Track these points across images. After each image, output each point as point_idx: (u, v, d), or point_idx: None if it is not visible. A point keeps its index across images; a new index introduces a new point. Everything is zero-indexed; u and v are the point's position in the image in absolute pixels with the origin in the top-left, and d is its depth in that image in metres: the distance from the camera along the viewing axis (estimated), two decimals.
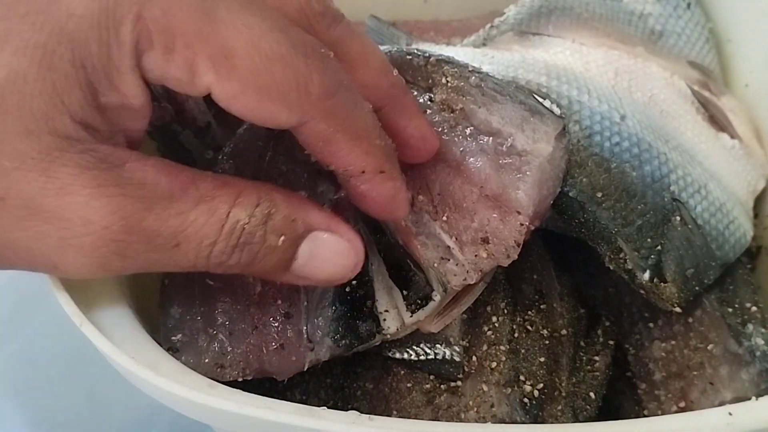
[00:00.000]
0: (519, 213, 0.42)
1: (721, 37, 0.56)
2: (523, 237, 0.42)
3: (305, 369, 0.42)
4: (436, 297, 0.42)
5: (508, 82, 0.46)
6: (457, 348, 0.44)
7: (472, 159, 0.44)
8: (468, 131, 0.45)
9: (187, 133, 0.49)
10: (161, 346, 0.40)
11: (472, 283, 0.42)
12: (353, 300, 0.42)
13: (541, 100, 0.45)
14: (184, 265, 0.33)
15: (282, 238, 0.34)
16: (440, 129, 0.45)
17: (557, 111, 0.45)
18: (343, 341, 0.42)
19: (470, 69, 0.45)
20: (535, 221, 0.44)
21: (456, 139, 0.45)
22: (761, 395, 0.38)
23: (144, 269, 0.33)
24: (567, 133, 0.44)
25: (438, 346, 0.44)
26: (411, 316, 0.42)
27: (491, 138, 0.45)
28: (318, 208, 0.36)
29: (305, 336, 0.42)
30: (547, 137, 0.44)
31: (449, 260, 0.42)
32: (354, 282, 0.43)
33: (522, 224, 0.42)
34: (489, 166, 0.44)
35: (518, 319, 0.47)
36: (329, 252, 0.35)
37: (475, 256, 0.42)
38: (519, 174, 0.43)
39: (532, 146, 0.44)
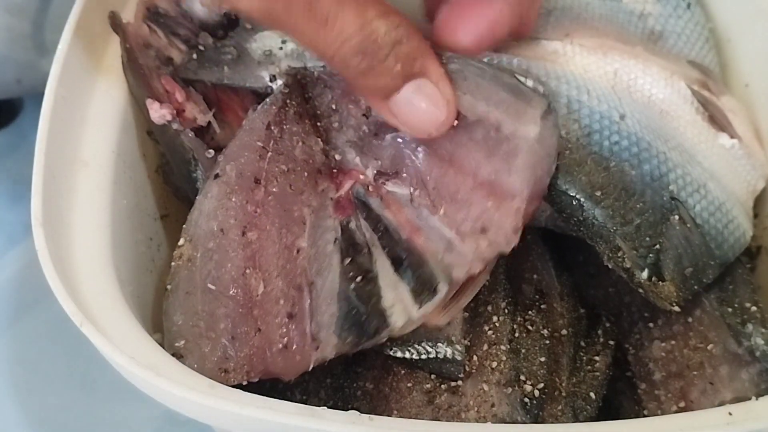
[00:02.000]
0: (514, 197, 0.42)
1: (721, 37, 0.56)
2: (521, 221, 0.42)
3: (311, 368, 0.42)
4: (442, 289, 0.42)
5: (489, 63, 0.46)
6: (458, 347, 0.44)
7: (463, 149, 0.44)
8: (455, 122, 0.45)
9: (188, 133, 0.49)
10: (167, 351, 0.40)
11: (476, 272, 0.42)
12: (359, 296, 0.42)
13: (523, 80, 0.45)
14: (318, 47, 0.36)
15: (399, 66, 0.37)
16: None
17: (541, 89, 0.45)
18: (350, 338, 0.42)
19: (450, 55, 0.44)
20: (534, 202, 0.43)
21: None
22: (761, 395, 0.38)
23: (289, 32, 0.37)
24: (553, 110, 0.44)
25: (439, 345, 0.44)
26: (418, 309, 0.42)
27: (478, 125, 0.45)
28: (437, 61, 0.39)
29: (309, 335, 0.42)
30: (533, 118, 0.44)
31: (452, 252, 0.42)
32: (359, 278, 0.43)
33: (518, 208, 0.42)
34: (479, 154, 0.43)
35: (519, 318, 0.47)
36: (427, 102, 0.39)
37: (476, 246, 0.42)
38: (509, 158, 0.43)
39: (519, 128, 0.44)
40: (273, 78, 0.49)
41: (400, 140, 0.46)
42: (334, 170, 0.47)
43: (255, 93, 0.54)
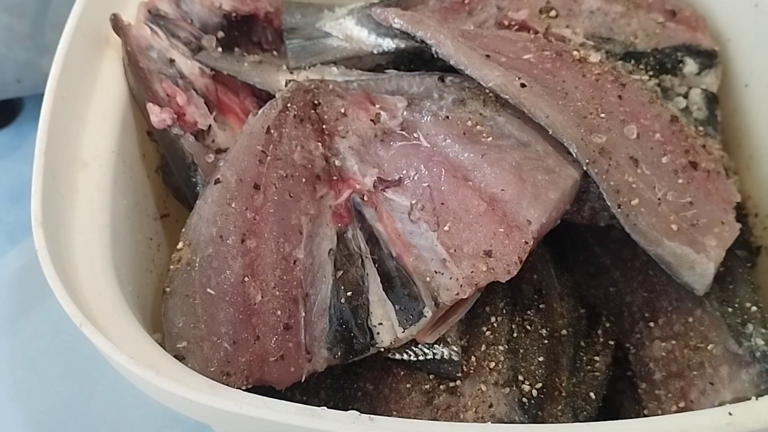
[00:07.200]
0: (526, 230, 0.42)
1: (721, 37, 0.56)
2: (525, 255, 0.42)
3: (302, 380, 0.42)
4: (428, 313, 0.41)
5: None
6: (455, 348, 0.44)
7: (488, 169, 0.44)
8: (489, 139, 0.45)
9: (188, 138, 0.49)
10: (168, 353, 0.40)
11: (464, 297, 0.42)
12: (349, 312, 0.42)
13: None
14: None
15: None
16: (455, 132, 0.45)
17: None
18: (339, 353, 0.42)
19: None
20: (536, 243, 0.43)
21: (469, 145, 0.45)
22: (761, 395, 0.38)
23: None
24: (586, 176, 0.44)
25: (436, 346, 0.44)
26: (403, 332, 0.42)
27: (518, 148, 0.45)
28: None
29: (304, 347, 0.42)
30: (576, 165, 0.44)
31: (443, 274, 0.42)
32: (350, 293, 0.43)
33: (527, 242, 0.42)
34: (511, 176, 0.43)
35: (517, 318, 0.47)
36: None
37: (473, 270, 0.42)
38: (540, 191, 0.43)
39: (564, 167, 0.44)
40: (288, 83, 0.50)
41: (410, 149, 0.46)
42: (334, 177, 0.47)
43: (258, 96, 0.54)
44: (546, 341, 0.46)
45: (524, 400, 0.43)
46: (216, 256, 0.43)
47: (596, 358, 0.48)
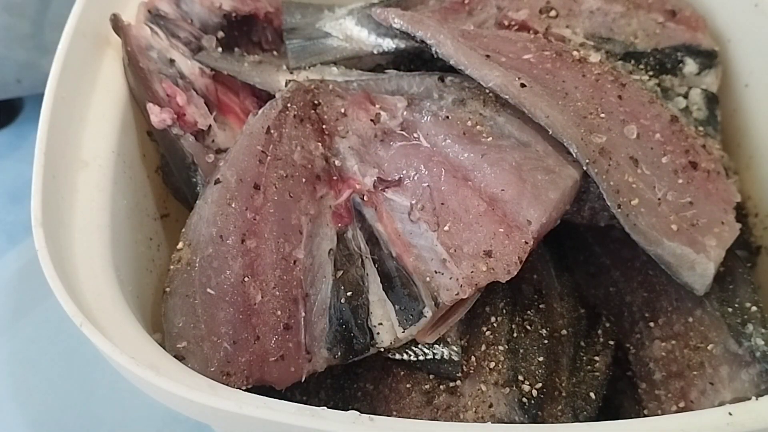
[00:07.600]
0: (526, 230, 0.42)
1: (722, 37, 0.56)
2: (525, 255, 0.42)
3: (302, 380, 0.42)
4: (428, 313, 0.42)
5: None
6: (455, 348, 0.44)
7: (488, 169, 0.44)
8: (489, 139, 0.45)
9: (188, 138, 0.49)
10: (168, 353, 0.40)
11: (464, 297, 0.42)
12: (349, 312, 0.42)
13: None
14: None
15: None
16: (455, 132, 0.45)
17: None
18: (339, 353, 0.42)
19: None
20: (536, 243, 0.43)
21: (469, 145, 0.45)
22: (761, 395, 0.38)
23: None
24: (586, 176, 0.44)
25: (436, 346, 0.44)
26: (403, 332, 0.42)
27: (518, 148, 0.44)
28: None
29: (304, 347, 0.42)
30: (576, 165, 0.44)
31: (443, 274, 0.42)
32: (350, 293, 0.43)
33: (527, 242, 0.42)
34: (511, 176, 0.43)
35: (517, 318, 0.47)
36: None
37: (473, 270, 0.42)
38: (540, 191, 0.43)
39: (564, 167, 0.44)
40: (288, 83, 0.50)
41: (410, 149, 0.46)
42: (334, 177, 0.47)
43: (258, 96, 0.54)
44: (546, 341, 0.46)
45: (524, 400, 0.43)
46: (216, 256, 0.43)
47: (596, 358, 0.48)
